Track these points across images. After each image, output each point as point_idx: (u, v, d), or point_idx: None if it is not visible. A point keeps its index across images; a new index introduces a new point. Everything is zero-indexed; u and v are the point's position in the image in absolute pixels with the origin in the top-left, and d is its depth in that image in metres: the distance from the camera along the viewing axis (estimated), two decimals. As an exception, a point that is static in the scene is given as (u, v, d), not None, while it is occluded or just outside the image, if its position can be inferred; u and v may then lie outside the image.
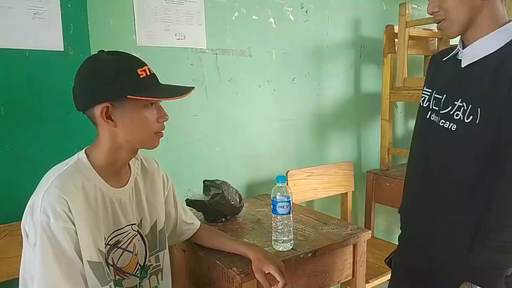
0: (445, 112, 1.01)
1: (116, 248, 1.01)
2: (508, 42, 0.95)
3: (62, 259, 0.88)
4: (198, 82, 1.77)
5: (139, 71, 0.94)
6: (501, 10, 0.98)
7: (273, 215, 1.27)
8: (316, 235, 1.41)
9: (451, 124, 1.00)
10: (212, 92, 1.82)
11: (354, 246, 1.43)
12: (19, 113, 1.24)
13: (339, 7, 2.22)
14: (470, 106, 0.96)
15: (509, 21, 0.98)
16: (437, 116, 1.05)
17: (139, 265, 1.08)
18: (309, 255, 1.28)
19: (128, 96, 0.91)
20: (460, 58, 1.02)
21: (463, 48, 1.02)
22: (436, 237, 1.07)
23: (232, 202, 1.55)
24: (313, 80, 2.17)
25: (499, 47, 0.95)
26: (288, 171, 2.01)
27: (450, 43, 2.36)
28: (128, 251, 1.04)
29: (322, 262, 1.36)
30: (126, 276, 1.04)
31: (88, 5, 1.33)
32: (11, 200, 1.23)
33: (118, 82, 0.91)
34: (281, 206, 1.25)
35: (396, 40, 2.26)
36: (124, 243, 1.03)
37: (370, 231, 1.45)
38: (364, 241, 1.44)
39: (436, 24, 1.03)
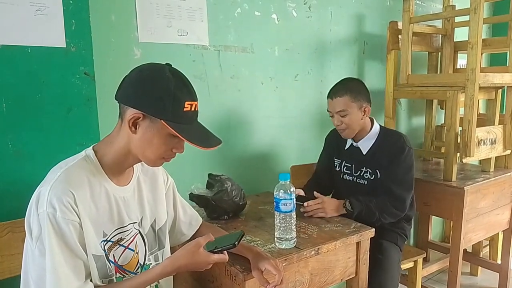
0: (357, 175, 1.80)
1: (118, 246, 1.02)
2: (376, 137, 1.76)
3: (66, 250, 0.90)
4: (200, 78, 1.76)
5: (186, 104, 0.95)
6: (367, 118, 1.76)
7: (276, 212, 1.27)
8: (319, 233, 1.40)
9: (363, 180, 1.79)
10: (214, 89, 1.81)
11: (358, 244, 1.42)
12: (21, 110, 1.23)
13: (342, 3, 2.21)
14: (371, 171, 1.76)
15: (372, 123, 1.78)
16: (350, 176, 1.83)
17: (139, 264, 1.08)
18: (312, 253, 1.28)
19: (162, 120, 0.92)
20: (356, 146, 1.80)
21: (356, 142, 1.80)
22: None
23: (236, 199, 1.54)
24: (316, 77, 2.16)
25: (374, 141, 1.76)
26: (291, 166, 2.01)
27: (455, 40, 2.36)
28: (130, 249, 1.04)
29: (325, 260, 1.35)
30: (127, 274, 1.04)
31: (89, 1, 1.32)
32: (13, 197, 1.23)
33: (162, 103, 0.93)
34: (284, 204, 1.24)
35: (399, 36, 2.25)
36: (127, 241, 1.04)
37: (373, 229, 1.44)
38: (367, 239, 1.44)
39: (339, 131, 1.75)
